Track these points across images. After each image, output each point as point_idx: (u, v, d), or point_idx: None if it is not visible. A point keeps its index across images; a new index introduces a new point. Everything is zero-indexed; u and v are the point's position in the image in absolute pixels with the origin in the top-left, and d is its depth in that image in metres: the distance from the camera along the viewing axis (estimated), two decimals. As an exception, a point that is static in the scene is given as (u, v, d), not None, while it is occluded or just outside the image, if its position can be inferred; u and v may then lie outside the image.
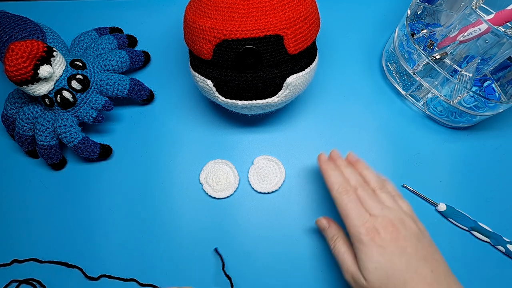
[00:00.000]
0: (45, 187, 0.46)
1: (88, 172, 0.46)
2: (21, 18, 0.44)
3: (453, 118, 0.46)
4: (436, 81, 0.44)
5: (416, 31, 0.45)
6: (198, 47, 0.37)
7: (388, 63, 0.50)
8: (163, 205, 0.45)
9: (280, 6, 0.34)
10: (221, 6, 0.34)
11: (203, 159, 0.46)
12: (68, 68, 0.41)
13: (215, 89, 0.39)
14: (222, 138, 0.48)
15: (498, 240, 0.42)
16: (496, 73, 0.42)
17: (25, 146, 0.45)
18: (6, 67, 0.36)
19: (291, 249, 0.43)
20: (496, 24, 0.38)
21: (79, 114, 0.43)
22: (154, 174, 0.46)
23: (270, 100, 0.39)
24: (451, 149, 0.47)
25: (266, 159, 0.46)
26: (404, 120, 0.49)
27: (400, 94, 0.50)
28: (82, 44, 0.47)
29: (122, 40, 0.49)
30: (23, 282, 0.42)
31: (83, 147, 0.43)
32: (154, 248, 0.43)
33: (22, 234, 0.44)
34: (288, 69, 0.37)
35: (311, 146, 0.47)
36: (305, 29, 0.36)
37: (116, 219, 0.44)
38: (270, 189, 0.45)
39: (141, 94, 0.47)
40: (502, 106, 0.41)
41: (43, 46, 0.38)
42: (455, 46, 0.42)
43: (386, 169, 0.46)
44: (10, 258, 0.42)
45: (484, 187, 0.45)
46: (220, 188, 0.45)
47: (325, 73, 0.51)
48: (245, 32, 0.34)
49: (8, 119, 0.44)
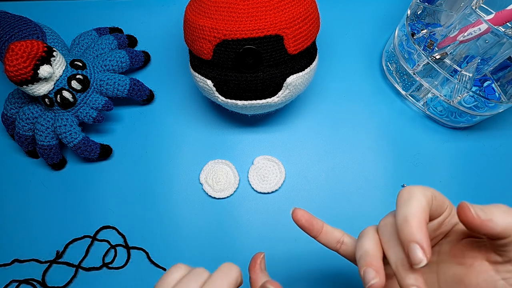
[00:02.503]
0: (45, 187, 0.46)
1: (88, 172, 0.46)
2: (21, 18, 0.44)
3: (453, 118, 0.46)
4: (436, 81, 0.44)
5: (416, 31, 0.45)
6: (198, 47, 0.37)
7: (388, 63, 0.50)
8: (163, 205, 0.45)
9: (280, 6, 0.34)
10: (221, 6, 0.34)
11: (203, 159, 0.46)
12: (68, 68, 0.41)
13: (215, 89, 0.39)
14: (222, 138, 0.48)
15: (498, 240, 0.42)
16: (496, 73, 0.42)
17: (25, 146, 0.45)
18: (6, 67, 0.36)
19: (291, 249, 0.43)
20: (496, 24, 0.38)
21: (79, 114, 0.43)
22: (154, 174, 0.46)
23: (270, 100, 0.39)
24: (451, 149, 0.47)
25: (266, 159, 0.46)
26: (404, 120, 0.49)
27: (400, 94, 0.50)
28: (82, 44, 0.47)
29: (122, 40, 0.49)
30: (23, 282, 0.42)
31: (83, 147, 0.43)
32: (154, 248, 0.43)
33: (22, 234, 0.44)
34: (288, 69, 0.37)
35: (311, 146, 0.47)
36: (305, 29, 0.36)
37: (116, 219, 0.44)
38: (270, 189, 0.45)
39: (141, 94, 0.47)
40: (502, 106, 0.41)
41: (43, 46, 0.38)
42: (455, 46, 0.42)
43: (386, 169, 0.46)
44: (11, 258, 0.42)
45: (484, 187, 0.45)
46: (220, 188, 0.45)
47: (325, 73, 0.51)
48: (245, 32, 0.34)
49: (8, 119, 0.44)
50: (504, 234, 0.22)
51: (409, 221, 0.22)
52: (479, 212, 0.22)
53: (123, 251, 0.43)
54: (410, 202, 0.23)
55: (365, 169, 0.46)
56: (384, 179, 0.46)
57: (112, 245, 0.43)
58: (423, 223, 0.22)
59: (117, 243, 0.43)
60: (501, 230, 0.22)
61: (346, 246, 0.30)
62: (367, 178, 0.46)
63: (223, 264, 0.26)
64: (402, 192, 0.24)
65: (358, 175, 0.46)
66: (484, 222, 0.22)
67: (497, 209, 0.22)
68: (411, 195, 0.23)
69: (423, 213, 0.22)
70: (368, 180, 0.46)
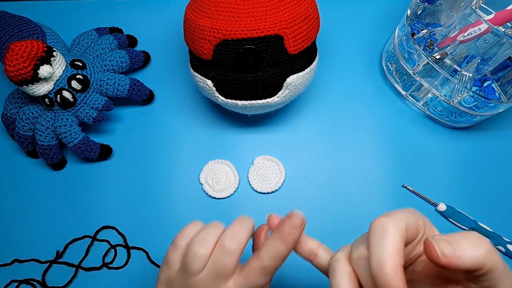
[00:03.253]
0: (45, 187, 0.46)
1: (88, 172, 0.46)
2: (21, 18, 0.44)
3: (453, 118, 0.46)
4: (436, 81, 0.44)
5: (416, 31, 0.45)
6: (198, 47, 0.37)
7: (388, 63, 0.50)
8: (163, 205, 0.45)
9: (280, 6, 0.34)
10: (221, 6, 0.34)
11: (203, 159, 0.46)
12: (68, 68, 0.41)
13: (215, 89, 0.39)
14: (222, 138, 0.48)
15: (498, 240, 0.42)
16: (496, 73, 0.42)
17: (25, 146, 0.45)
18: (6, 67, 0.36)
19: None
20: (496, 24, 0.38)
21: (79, 114, 0.43)
22: (154, 174, 0.46)
23: (270, 100, 0.39)
24: (451, 149, 0.47)
25: (266, 159, 0.46)
26: (404, 120, 0.49)
27: (400, 94, 0.50)
28: (82, 44, 0.47)
29: (122, 40, 0.49)
30: (23, 282, 0.42)
31: (83, 147, 0.43)
32: (154, 248, 0.43)
33: (22, 234, 0.44)
34: (288, 69, 0.37)
35: (311, 146, 0.47)
36: (305, 29, 0.36)
37: (116, 219, 0.44)
38: (270, 189, 0.45)
39: (141, 94, 0.47)
40: (502, 106, 0.41)
41: (43, 46, 0.38)
42: (455, 46, 0.42)
43: (386, 169, 0.46)
44: (11, 258, 0.42)
45: (484, 187, 0.45)
46: (220, 188, 0.45)
47: (325, 73, 0.51)
48: (245, 32, 0.34)
49: (8, 119, 0.44)
50: (475, 268, 0.20)
51: (385, 269, 0.21)
52: (445, 249, 0.20)
53: (123, 251, 0.43)
54: (384, 243, 0.21)
55: (365, 169, 0.46)
56: (384, 179, 0.46)
57: (112, 245, 0.43)
58: (399, 269, 0.21)
59: (117, 243, 0.43)
60: (471, 265, 0.20)
61: (320, 260, 0.28)
62: (367, 178, 0.46)
63: (238, 216, 0.29)
64: (374, 226, 0.22)
65: (358, 175, 0.46)
66: (451, 260, 0.20)
67: (466, 241, 0.21)
68: (385, 233, 0.22)
69: (398, 256, 0.21)
70: (368, 180, 0.46)
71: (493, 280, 0.21)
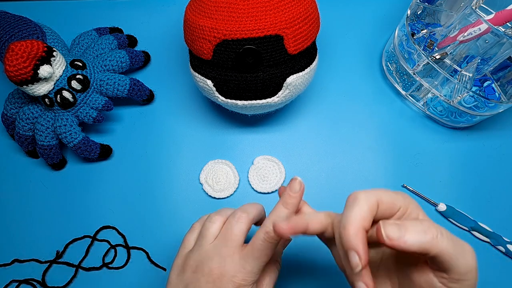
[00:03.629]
0: (45, 187, 0.46)
1: (88, 172, 0.46)
2: (21, 18, 0.44)
3: (453, 118, 0.46)
4: (436, 81, 0.44)
5: (416, 31, 0.45)
6: (198, 47, 0.37)
7: (388, 63, 0.50)
8: (163, 205, 0.45)
9: (280, 6, 0.34)
10: (221, 6, 0.34)
11: (203, 159, 0.46)
12: (68, 68, 0.41)
13: (215, 89, 0.39)
14: (222, 138, 0.48)
15: (498, 240, 0.42)
16: (496, 73, 0.42)
17: (25, 146, 0.45)
18: (6, 67, 0.36)
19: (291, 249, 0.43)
20: (496, 24, 0.38)
21: (79, 114, 0.43)
22: (154, 174, 0.46)
23: (270, 100, 0.39)
24: (451, 149, 0.47)
25: (266, 159, 0.46)
26: (404, 120, 0.49)
27: (400, 94, 0.50)
28: (82, 44, 0.47)
29: (122, 40, 0.49)
30: (23, 282, 0.42)
31: (83, 147, 0.43)
32: (154, 248, 0.43)
33: (22, 234, 0.44)
34: (288, 69, 0.37)
35: (311, 146, 0.47)
36: (305, 29, 0.36)
37: (116, 219, 0.44)
38: (270, 189, 0.45)
39: (141, 94, 0.47)
40: (502, 106, 0.41)
41: (43, 46, 0.38)
42: (455, 46, 0.42)
43: (386, 169, 0.46)
44: (11, 258, 0.42)
45: (484, 187, 0.45)
46: (220, 188, 0.45)
47: (325, 73, 0.51)
48: (245, 32, 0.34)
49: (8, 119, 0.44)
50: (421, 251, 0.22)
51: (347, 228, 0.23)
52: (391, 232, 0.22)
53: (123, 251, 0.43)
54: (351, 209, 0.24)
55: (365, 169, 0.46)
56: (384, 179, 0.46)
57: (112, 245, 0.43)
58: (359, 231, 0.23)
59: (117, 243, 0.43)
60: (416, 249, 0.22)
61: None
62: (367, 178, 0.46)
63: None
64: (349, 197, 0.25)
65: (358, 175, 0.46)
66: (396, 243, 0.22)
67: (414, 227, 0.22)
68: (354, 201, 0.24)
69: (362, 220, 0.23)
70: (368, 180, 0.46)
71: (445, 264, 0.22)
